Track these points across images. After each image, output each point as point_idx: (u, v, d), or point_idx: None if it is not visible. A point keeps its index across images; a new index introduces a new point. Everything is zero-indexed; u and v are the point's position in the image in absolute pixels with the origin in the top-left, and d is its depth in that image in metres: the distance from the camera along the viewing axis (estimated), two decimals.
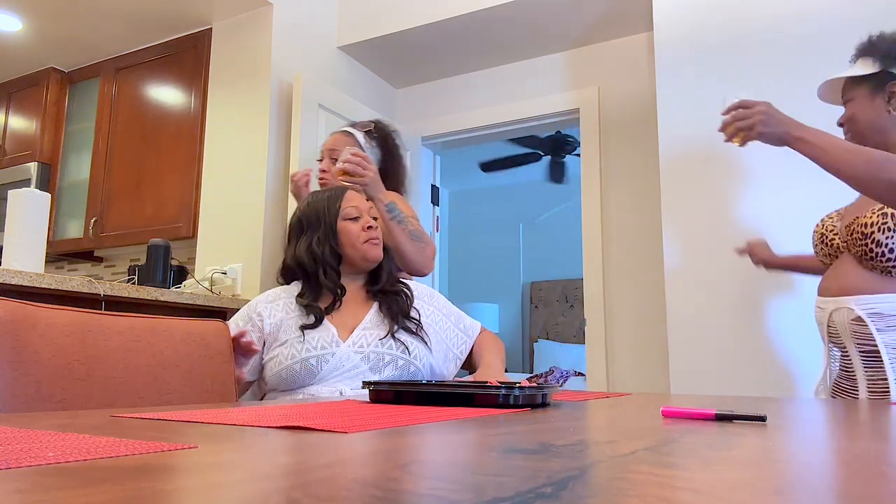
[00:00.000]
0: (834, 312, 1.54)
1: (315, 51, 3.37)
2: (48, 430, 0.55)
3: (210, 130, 3.19)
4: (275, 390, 1.50)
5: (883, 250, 1.44)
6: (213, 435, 0.56)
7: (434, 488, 0.34)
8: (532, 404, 0.94)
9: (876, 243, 1.44)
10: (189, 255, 3.29)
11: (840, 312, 1.52)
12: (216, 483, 0.35)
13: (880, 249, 1.44)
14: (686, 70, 2.57)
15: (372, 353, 1.47)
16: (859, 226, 1.48)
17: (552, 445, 0.51)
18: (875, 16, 2.28)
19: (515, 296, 7.02)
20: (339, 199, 1.66)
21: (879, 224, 1.44)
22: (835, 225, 1.61)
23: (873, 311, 1.46)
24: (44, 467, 0.37)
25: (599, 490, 0.34)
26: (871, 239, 1.45)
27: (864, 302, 1.48)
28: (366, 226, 1.62)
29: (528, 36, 3.41)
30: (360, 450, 0.48)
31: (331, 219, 1.62)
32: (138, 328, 1.17)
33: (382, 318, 1.54)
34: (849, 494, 0.35)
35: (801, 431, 0.72)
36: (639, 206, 3.19)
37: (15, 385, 0.95)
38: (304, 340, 1.47)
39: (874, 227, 1.45)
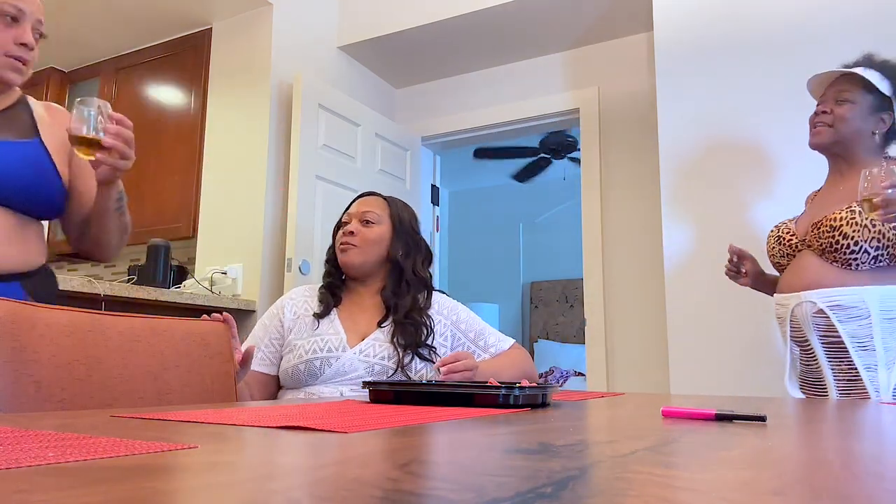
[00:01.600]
0: (796, 307, 1.59)
1: (315, 51, 3.37)
2: (48, 430, 0.55)
3: (210, 130, 3.19)
4: (283, 388, 1.53)
5: (848, 242, 1.51)
6: (213, 435, 0.56)
7: (434, 488, 0.34)
8: (532, 404, 0.94)
9: (843, 235, 1.51)
10: (189, 255, 3.29)
11: (802, 307, 1.58)
12: (216, 483, 0.35)
13: (846, 241, 1.51)
14: (686, 70, 2.57)
15: (376, 366, 1.48)
16: (828, 220, 1.55)
17: (552, 445, 0.51)
18: (875, 16, 2.28)
19: (515, 296, 7.02)
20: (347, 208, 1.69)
21: (848, 219, 1.51)
22: (790, 228, 1.70)
23: (835, 303, 1.52)
24: (44, 467, 0.37)
25: (599, 490, 0.34)
26: (839, 232, 1.52)
27: (825, 295, 1.54)
28: (344, 231, 1.61)
29: (528, 36, 3.41)
30: (360, 450, 0.48)
31: (336, 227, 1.67)
32: (138, 328, 1.17)
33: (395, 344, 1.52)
34: (848, 494, 0.35)
35: (801, 431, 0.72)
36: (639, 206, 3.19)
37: (15, 385, 0.95)
38: (312, 341, 1.49)
39: (842, 221, 1.52)
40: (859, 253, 1.51)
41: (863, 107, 1.61)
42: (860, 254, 1.51)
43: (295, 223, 2.92)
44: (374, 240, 1.60)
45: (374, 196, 1.70)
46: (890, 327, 1.49)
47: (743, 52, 2.49)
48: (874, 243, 1.49)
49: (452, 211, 7.22)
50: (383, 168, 3.53)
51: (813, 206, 1.73)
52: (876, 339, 1.49)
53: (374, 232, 1.61)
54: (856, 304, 1.51)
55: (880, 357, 1.49)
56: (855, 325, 1.51)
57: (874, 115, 1.61)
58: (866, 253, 1.50)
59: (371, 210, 1.63)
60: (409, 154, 3.77)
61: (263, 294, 2.91)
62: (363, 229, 1.60)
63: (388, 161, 3.58)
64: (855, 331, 1.50)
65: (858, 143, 1.63)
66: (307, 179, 3.01)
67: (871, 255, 1.50)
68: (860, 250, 1.50)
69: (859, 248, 1.50)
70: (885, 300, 1.50)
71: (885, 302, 1.50)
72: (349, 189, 3.17)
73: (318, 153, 3.10)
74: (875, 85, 1.60)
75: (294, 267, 2.88)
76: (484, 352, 1.61)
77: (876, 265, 1.52)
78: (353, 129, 3.36)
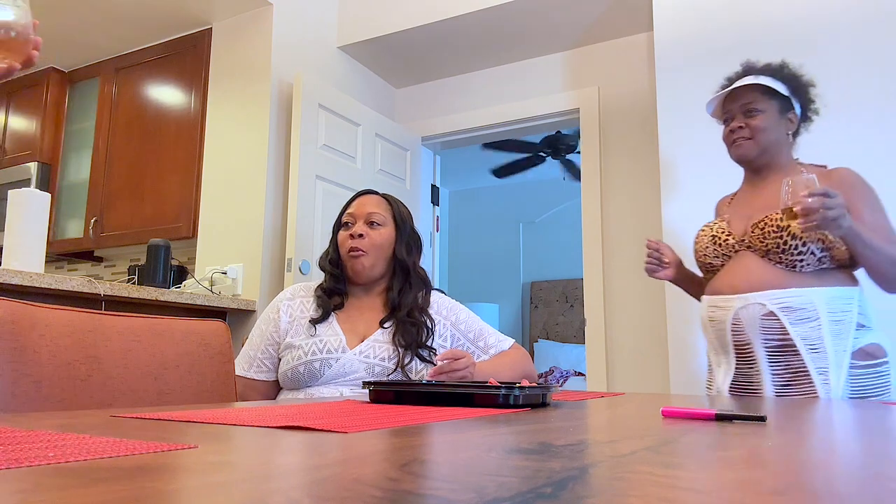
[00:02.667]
0: (741, 309, 1.56)
1: (315, 51, 3.37)
2: (48, 430, 0.55)
3: (210, 130, 3.19)
4: (283, 389, 1.53)
5: (797, 243, 1.51)
6: (213, 435, 0.56)
7: (434, 488, 0.34)
8: (532, 404, 0.94)
9: (791, 236, 1.50)
10: (189, 255, 3.29)
11: (749, 309, 1.55)
12: (216, 483, 0.35)
13: (795, 242, 1.51)
14: (686, 70, 2.57)
15: (377, 367, 1.47)
16: (773, 221, 1.54)
17: (552, 445, 0.51)
18: (874, 16, 2.29)
19: (515, 296, 7.02)
20: (346, 206, 1.66)
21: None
22: (724, 227, 1.67)
23: (785, 305, 1.51)
24: (44, 467, 0.37)
25: (599, 490, 0.34)
26: (787, 232, 1.51)
27: (775, 297, 1.52)
28: (351, 234, 1.57)
29: (528, 36, 3.41)
30: (360, 450, 0.48)
31: (336, 227, 1.65)
32: (138, 328, 1.17)
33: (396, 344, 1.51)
34: (849, 494, 0.35)
35: (801, 431, 0.72)
36: (639, 206, 3.19)
37: (15, 385, 0.95)
38: (312, 342, 1.48)
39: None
40: (806, 254, 1.51)
41: (773, 113, 1.64)
42: (807, 255, 1.51)
43: (295, 223, 2.92)
44: (382, 243, 1.58)
45: (375, 195, 1.68)
46: (837, 329, 1.50)
47: (743, 52, 2.48)
48: (820, 245, 1.50)
49: (452, 211, 7.22)
50: (383, 168, 3.53)
51: (740, 210, 1.71)
52: (826, 340, 1.49)
53: (381, 235, 1.59)
54: (804, 305, 1.50)
55: (831, 359, 1.49)
56: (806, 327, 1.50)
57: (783, 118, 1.65)
58: (813, 254, 1.51)
59: (376, 211, 1.61)
60: (409, 154, 3.77)
61: (263, 294, 2.91)
62: (371, 232, 1.58)
63: (388, 161, 3.58)
64: (806, 333, 1.50)
65: (778, 148, 1.67)
66: (307, 179, 3.01)
67: (817, 256, 1.51)
68: (808, 251, 1.51)
69: (807, 249, 1.51)
70: (832, 302, 1.51)
71: (831, 304, 1.50)
72: (349, 189, 3.17)
73: (318, 153, 3.10)
74: (775, 88, 1.63)
75: (294, 267, 2.88)
76: (484, 353, 1.60)
77: (819, 266, 1.53)
78: (353, 129, 3.36)
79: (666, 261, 1.77)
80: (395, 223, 1.62)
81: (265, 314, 1.61)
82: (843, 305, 1.51)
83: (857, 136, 2.26)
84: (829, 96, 2.33)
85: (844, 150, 2.32)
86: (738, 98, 1.68)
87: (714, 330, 1.64)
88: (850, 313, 1.51)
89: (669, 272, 1.78)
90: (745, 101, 1.66)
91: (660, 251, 1.77)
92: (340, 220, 1.65)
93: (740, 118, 1.67)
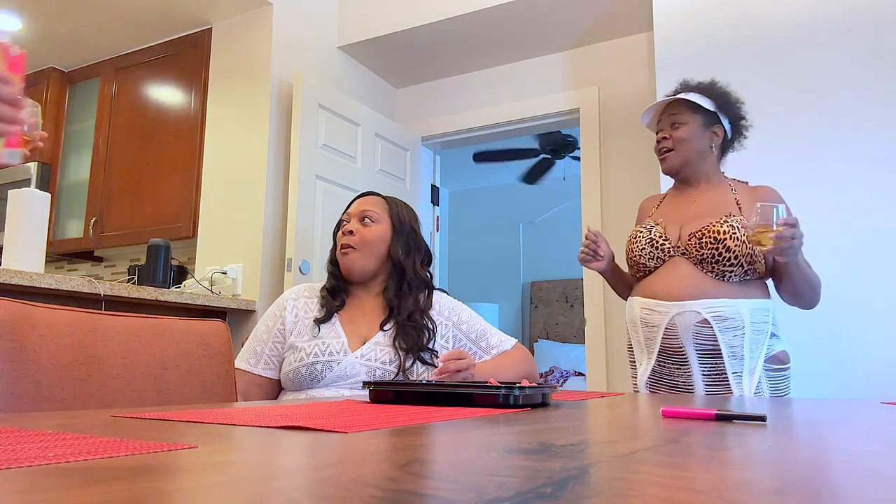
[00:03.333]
0: (677, 316, 1.67)
1: (315, 51, 3.37)
2: (48, 430, 0.55)
3: (210, 130, 3.19)
4: (284, 390, 1.53)
5: (730, 256, 1.63)
6: (213, 435, 0.56)
7: (434, 488, 0.34)
8: (532, 404, 0.94)
9: (726, 248, 1.63)
10: (189, 255, 3.29)
11: (685, 315, 1.66)
12: (216, 483, 0.35)
13: (729, 255, 1.63)
14: (686, 70, 2.57)
15: (378, 370, 1.47)
16: (711, 232, 1.66)
17: (552, 445, 0.51)
18: (874, 16, 2.28)
19: (515, 296, 7.02)
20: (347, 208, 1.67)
21: (731, 233, 1.64)
22: (661, 232, 1.77)
23: (717, 314, 1.64)
24: (44, 467, 0.37)
25: (599, 490, 0.34)
26: (723, 245, 1.63)
27: (708, 306, 1.64)
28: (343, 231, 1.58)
29: (528, 36, 3.41)
30: (360, 450, 0.48)
31: (337, 227, 1.65)
32: (138, 328, 1.17)
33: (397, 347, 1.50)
34: (849, 494, 0.35)
35: (801, 431, 0.72)
36: (638, 206, 3.19)
37: (15, 385, 0.95)
38: (314, 344, 1.48)
39: (725, 235, 1.64)
40: (736, 266, 1.64)
41: (695, 126, 1.78)
42: (737, 267, 1.64)
43: (295, 223, 2.92)
44: (373, 239, 1.57)
45: (374, 195, 1.68)
46: (755, 338, 1.64)
47: (743, 52, 2.49)
48: (748, 258, 1.64)
49: (452, 211, 7.22)
50: (383, 168, 3.53)
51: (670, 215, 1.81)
52: (745, 347, 1.63)
53: (373, 231, 1.58)
54: (733, 315, 1.64)
55: (746, 364, 1.63)
56: (731, 335, 1.63)
57: (707, 131, 1.79)
58: (741, 267, 1.64)
59: (370, 209, 1.61)
60: (409, 154, 3.77)
61: (263, 294, 2.91)
62: (362, 228, 1.58)
63: (388, 161, 3.58)
64: (730, 340, 1.64)
65: (702, 158, 1.80)
66: (307, 179, 3.01)
67: (745, 269, 1.65)
68: (738, 264, 1.64)
69: (738, 261, 1.63)
70: (754, 313, 1.65)
71: (754, 314, 1.64)
72: (349, 189, 3.17)
73: (318, 153, 3.10)
74: (699, 104, 1.77)
75: (294, 267, 2.88)
76: (486, 353, 1.59)
77: (743, 279, 1.66)
78: (353, 129, 3.36)
79: (601, 253, 1.85)
80: (391, 221, 1.61)
81: (271, 311, 1.60)
82: (762, 316, 1.66)
83: (859, 138, 2.26)
84: (829, 96, 2.33)
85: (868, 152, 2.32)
86: (667, 111, 1.83)
87: (646, 331, 1.75)
88: (768, 324, 1.66)
89: (602, 264, 1.86)
90: (672, 113, 1.81)
91: (597, 243, 1.85)
92: (339, 224, 1.66)
93: (666, 129, 1.82)
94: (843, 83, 2.30)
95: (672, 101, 1.82)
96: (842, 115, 2.29)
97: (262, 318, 1.62)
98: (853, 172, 2.24)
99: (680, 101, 1.80)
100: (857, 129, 2.26)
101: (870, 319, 2.16)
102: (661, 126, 1.84)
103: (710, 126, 1.79)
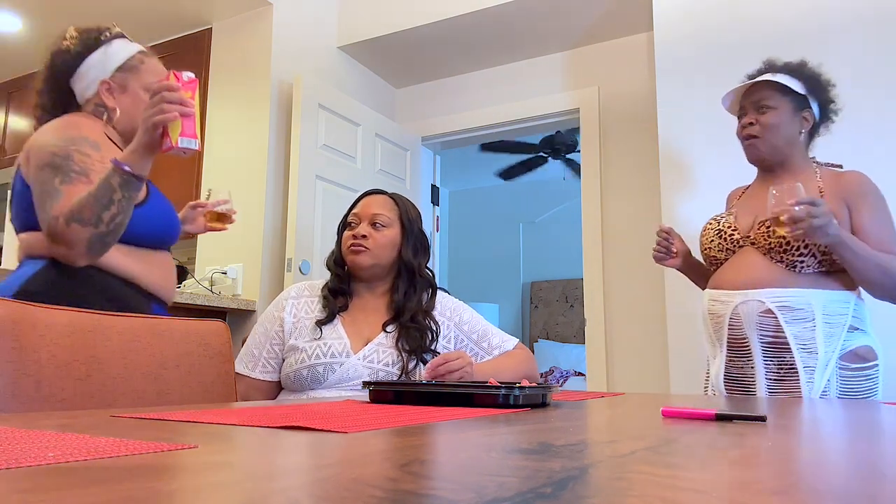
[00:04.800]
0: (741, 305, 1.59)
1: (315, 51, 3.37)
2: (48, 430, 0.55)
3: (210, 130, 3.19)
4: (285, 390, 1.52)
5: (798, 245, 1.54)
6: (213, 435, 0.56)
7: (434, 488, 0.34)
8: (532, 404, 0.94)
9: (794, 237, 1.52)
10: (189, 254, 3.29)
11: (748, 304, 1.58)
12: (216, 483, 0.35)
13: (797, 244, 1.54)
14: (686, 70, 2.57)
15: (381, 372, 1.46)
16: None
17: (552, 445, 0.51)
18: (874, 15, 2.28)
19: (515, 296, 7.02)
20: (353, 206, 1.65)
21: None
22: (730, 222, 1.70)
23: (783, 304, 1.55)
24: (44, 467, 0.37)
25: (599, 490, 0.34)
26: None
27: (774, 295, 1.56)
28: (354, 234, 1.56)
29: (528, 36, 3.40)
30: (360, 450, 0.48)
31: (341, 226, 1.63)
32: (138, 328, 1.17)
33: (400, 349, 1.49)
34: (849, 494, 0.35)
35: (801, 431, 0.72)
36: (639, 206, 3.19)
37: (15, 385, 0.95)
38: (315, 346, 1.47)
39: None
40: (807, 256, 1.55)
41: (785, 110, 1.65)
42: (808, 257, 1.55)
43: (295, 223, 2.92)
44: (385, 244, 1.56)
45: (382, 195, 1.64)
46: (830, 331, 1.54)
47: (743, 52, 2.48)
48: (821, 247, 1.53)
49: (452, 211, 7.22)
50: (383, 168, 3.53)
51: (749, 205, 1.73)
52: (818, 341, 1.53)
53: (385, 236, 1.56)
54: (802, 306, 1.54)
55: (820, 359, 1.52)
56: (800, 327, 1.54)
57: (797, 116, 1.66)
58: (813, 257, 1.55)
59: (382, 213, 1.58)
60: (409, 154, 3.77)
61: (263, 294, 2.91)
62: (375, 233, 1.55)
63: (388, 161, 3.58)
64: (800, 332, 1.54)
65: (791, 146, 1.68)
66: (307, 179, 3.01)
67: (818, 259, 1.55)
68: (808, 253, 1.55)
69: (808, 251, 1.54)
70: (828, 304, 1.54)
71: (827, 306, 1.54)
72: (349, 189, 3.17)
73: (318, 153, 3.10)
74: (790, 86, 1.65)
75: (294, 267, 2.88)
76: (488, 354, 1.58)
77: (818, 269, 1.56)
78: (353, 129, 3.36)
79: (674, 250, 1.80)
80: (401, 224, 1.59)
81: (269, 312, 1.59)
82: (838, 308, 1.54)
83: (860, 138, 2.26)
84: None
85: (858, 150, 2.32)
86: (752, 94, 1.70)
87: (713, 323, 1.67)
88: (845, 316, 1.54)
89: (677, 261, 1.81)
90: (759, 97, 1.68)
91: (670, 239, 1.80)
92: (346, 221, 1.63)
93: (752, 114, 1.69)
94: (844, 82, 2.30)
95: (759, 82, 1.68)
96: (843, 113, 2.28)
97: (260, 318, 1.61)
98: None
99: (767, 84, 1.67)
100: (858, 129, 2.26)
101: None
102: (745, 110, 1.71)
103: (801, 111, 1.66)
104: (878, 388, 1.55)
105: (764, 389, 1.58)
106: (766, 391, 1.58)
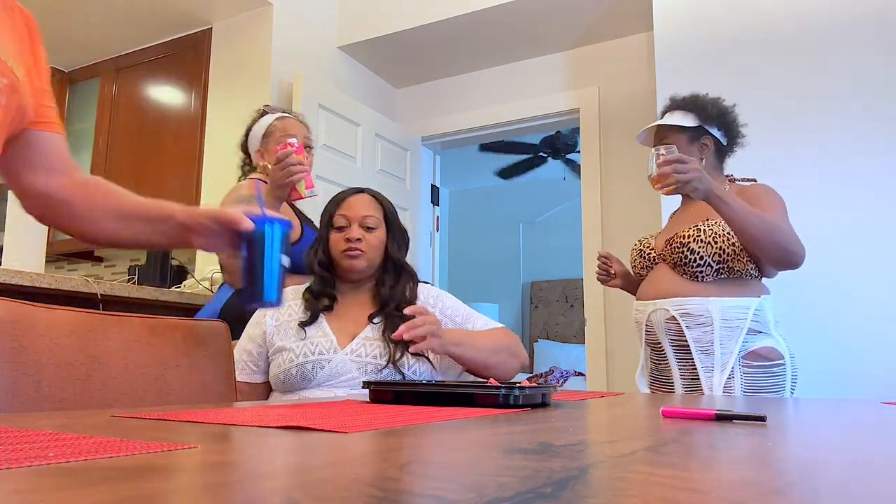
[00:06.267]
0: (651, 314, 1.81)
1: (315, 51, 3.37)
2: (48, 430, 0.55)
3: (210, 130, 3.19)
4: (276, 391, 1.52)
5: (695, 257, 1.73)
6: (213, 435, 0.56)
7: (434, 488, 0.34)
8: (532, 404, 0.94)
9: (690, 251, 1.73)
10: (189, 255, 3.29)
11: (657, 313, 1.79)
12: (216, 483, 0.35)
13: (693, 257, 1.73)
14: (686, 70, 2.57)
15: (369, 365, 1.46)
16: (678, 237, 1.77)
17: (552, 445, 0.51)
18: (873, 15, 2.28)
19: (515, 296, 7.02)
20: (337, 206, 1.64)
21: (694, 236, 1.74)
22: (650, 242, 1.92)
23: (684, 311, 1.74)
24: (44, 467, 0.37)
25: (599, 490, 0.34)
26: (687, 248, 1.73)
27: (676, 303, 1.75)
28: (348, 237, 1.56)
29: (528, 36, 3.40)
30: (360, 450, 0.48)
31: (324, 228, 1.62)
32: (138, 328, 1.17)
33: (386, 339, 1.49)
34: (849, 494, 0.35)
35: (801, 431, 0.72)
36: (639, 206, 3.19)
37: (15, 385, 0.95)
38: (302, 345, 1.47)
39: (690, 238, 1.74)
40: (703, 266, 1.72)
41: (682, 143, 1.84)
42: (704, 266, 1.73)
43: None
44: (378, 245, 1.59)
45: (367, 196, 1.66)
46: (728, 334, 1.70)
47: (743, 52, 2.49)
48: (716, 257, 1.71)
49: (452, 211, 7.22)
50: (383, 168, 3.53)
51: (670, 224, 1.97)
52: (715, 344, 1.70)
53: (377, 237, 1.59)
54: (701, 312, 1.72)
55: (716, 360, 1.70)
56: (699, 332, 1.72)
57: (694, 145, 1.86)
58: (709, 266, 1.72)
59: (371, 214, 1.60)
60: (409, 154, 3.77)
61: None
62: (368, 236, 1.57)
63: (388, 161, 3.58)
64: (699, 336, 1.72)
65: None
66: None
67: (714, 267, 1.72)
68: (704, 263, 1.72)
69: (703, 261, 1.72)
70: (726, 310, 1.71)
71: (725, 311, 1.71)
72: None
73: (318, 153, 3.10)
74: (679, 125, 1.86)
75: None
76: None
77: (718, 277, 1.73)
78: (353, 129, 3.36)
79: (612, 272, 2.02)
80: (386, 223, 1.63)
81: (253, 318, 1.59)
82: (736, 314, 1.71)
83: (860, 136, 2.26)
84: (830, 95, 2.33)
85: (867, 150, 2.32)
86: (658, 133, 1.93)
87: (637, 329, 1.90)
88: (744, 320, 1.70)
89: (617, 282, 2.03)
90: (660, 136, 1.91)
91: (608, 263, 2.02)
92: (331, 221, 1.62)
93: None
94: (844, 82, 2.30)
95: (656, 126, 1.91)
96: (843, 113, 2.29)
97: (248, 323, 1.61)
98: (853, 171, 2.24)
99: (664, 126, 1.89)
100: (858, 127, 2.26)
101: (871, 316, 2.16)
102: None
103: (697, 139, 1.86)
104: (786, 384, 1.71)
105: (680, 387, 1.77)
106: (681, 389, 1.77)
